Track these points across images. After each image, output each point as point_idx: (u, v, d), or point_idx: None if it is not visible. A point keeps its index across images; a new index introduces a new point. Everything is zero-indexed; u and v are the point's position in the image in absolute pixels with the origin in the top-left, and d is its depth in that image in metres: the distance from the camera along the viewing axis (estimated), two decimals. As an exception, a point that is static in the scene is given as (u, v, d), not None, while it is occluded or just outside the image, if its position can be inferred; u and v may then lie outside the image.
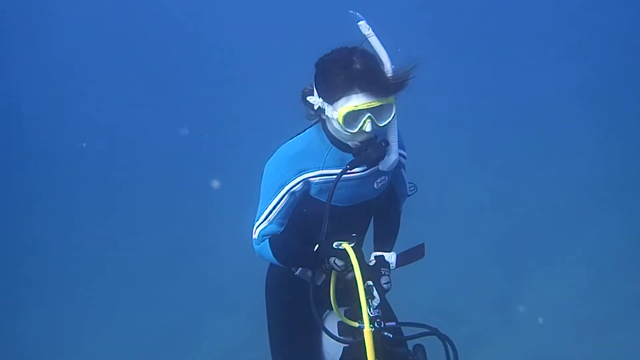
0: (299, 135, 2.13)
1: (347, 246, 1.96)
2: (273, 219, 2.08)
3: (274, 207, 2.06)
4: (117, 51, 8.11)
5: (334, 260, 1.98)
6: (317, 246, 2.02)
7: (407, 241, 2.24)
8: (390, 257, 2.16)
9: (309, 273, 2.22)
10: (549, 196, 6.00)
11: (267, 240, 2.10)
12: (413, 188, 2.37)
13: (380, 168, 2.06)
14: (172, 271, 5.67)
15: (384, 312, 2.07)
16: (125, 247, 6.17)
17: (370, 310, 1.98)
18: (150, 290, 5.48)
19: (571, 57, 7.83)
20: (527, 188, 6.19)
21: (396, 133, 2.04)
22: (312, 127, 2.12)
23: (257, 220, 2.10)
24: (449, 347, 2.07)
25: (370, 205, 2.20)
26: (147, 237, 6.26)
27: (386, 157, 2.02)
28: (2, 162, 7.41)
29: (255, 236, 2.12)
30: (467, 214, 5.89)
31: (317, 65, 1.97)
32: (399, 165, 2.20)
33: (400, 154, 2.16)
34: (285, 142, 2.13)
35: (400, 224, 2.44)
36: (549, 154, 6.67)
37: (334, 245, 1.98)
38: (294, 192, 2.05)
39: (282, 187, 2.04)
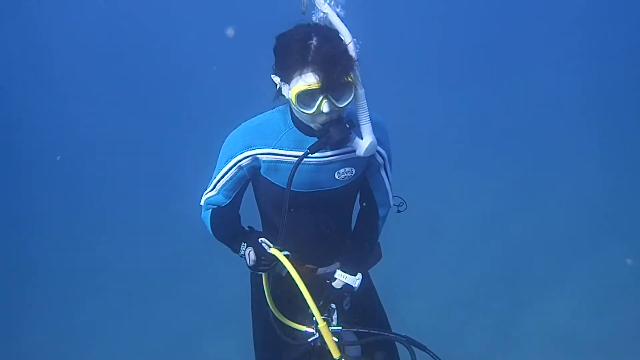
0: (262, 113, 2.07)
1: (277, 252, 1.93)
2: (220, 189, 2.06)
3: (222, 178, 2.04)
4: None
5: (249, 252, 1.97)
6: (246, 229, 2.06)
7: (408, 261, 2.21)
8: (355, 281, 2.10)
9: (279, 267, 2.04)
10: (549, 219, 5.96)
11: (210, 210, 2.10)
12: (402, 204, 2.21)
13: (357, 154, 1.91)
14: (168, 291, 5.62)
15: (347, 319, 2.09)
16: (119, 267, 6.10)
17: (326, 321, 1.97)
18: (147, 310, 5.42)
19: (573, 81, 7.86)
20: (527, 212, 6.16)
21: (367, 116, 1.89)
22: (280, 106, 2.02)
23: (207, 188, 2.10)
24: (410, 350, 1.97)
25: (332, 197, 2.04)
26: (141, 254, 6.20)
27: (357, 139, 1.89)
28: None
29: (201, 203, 2.13)
30: (467, 238, 5.84)
31: (276, 39, 1.85)
32: (376, 166, 2.08)
33: (378, 152, 2.04)
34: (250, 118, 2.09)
35: (380, 248, 2.31)
36: (549, 178, 6.65)
37: (259, 241, 1.98)
38: (241, 167, 2.02)
39: (231, 159, 2.01)
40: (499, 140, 7.45)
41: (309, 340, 2.04)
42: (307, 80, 1.74)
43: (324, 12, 1.86)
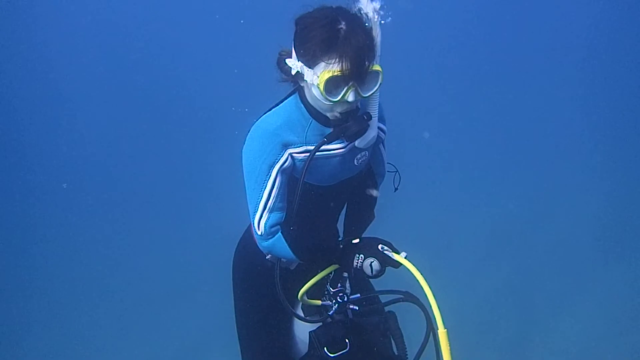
0: (275, 108, 1.87)
1: (402, 259, 1.77)
2: (273, 206, 1.83)
3: (270, 193, 1.82)
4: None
5: (371, 263, 1.78)
6: (357, 241, 1.83)
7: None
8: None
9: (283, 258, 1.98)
10: (564, 237, 5.85)
11: (280, 234, 1.85)
12: (394, 170, 2.14)
13: (356, 145, 1.86)
14: (174, 300, 5.58)
15: (356, 284, 1.98)
16: (125, 274, 6.06)
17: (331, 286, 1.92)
18: (152, 320, 5.38)
19: (584, 97, 7.81)
20: (540, 229, 6.04)
21: (377, 106, 1.84)
22: (290, 99, 1.88)
23: (256, 212, 1.84)
24: (423, 309, 1.94)
25: (350, 184, 2.00)
26: (149, 262, 6.16)
27: (364, 133, 1.82)
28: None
29: (260, 232, 1.85)
30: (478, 255, 5.75)
31: (297, 22, 1.72)
32: (377, 141, 2.01)
33: (379, 128, 1.98)
34: (260, 117, 1.88)
35: (375, 217, 2.22)
36: (563, 195, 6.54)
37: (380, 248, 1.80)
38: (285, 170, 1.82)
39: (272, 166, 1.81)
40: (511, 158, 7.37)
41: (329, 313, 1.96)
42: (338, 66, 1.63)
43: None
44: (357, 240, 1.84)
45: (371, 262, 1.79)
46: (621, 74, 7.96)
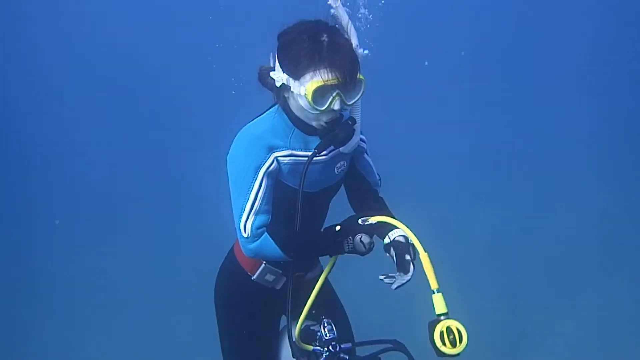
0: (258, 118, 1.97)
1: (378, 218, 1.85)
2: (259, 208, 1.87)
3: (257, 195, 1.86)
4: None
5: (361, 238, 1.81)
6: (338, 227, 1.85)
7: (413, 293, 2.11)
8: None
9: (269, 277, 2.08)
10: (557, 247, 5.79)
11: (266, 235, 1.88)
12: (379, 179, 2.23)
13: (341, 150, 1.96)
14: (168, 304, 5.52)
15: (342, 334, 2.00)
16: (121, 278, 5.98)
17: (325, 333, 1.94)
18: (146, 323, 5.34)
19: (581, 110, 7.74)
20: (533, 240, 5.98)
21: (360, 112, 1.95)
22: (272, 109, 1.97)
23: (242, 215, 1.87)
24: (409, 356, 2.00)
25: (331, 192, 2.09)
26: (145, 266, 6.10)
27: (351, 138, 1.93)
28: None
29: (246, 234, 1.87)
30: (470, 268, 5.60)
31: (280, 37, 1.84)
32: (360, 150, 2.10)
33: (361, 138, 2.07)
34: (243, 127, 1.96)
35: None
36: (556, 204, 6.49)
37: (359, 222, 1.83)
38: (270, 173, 1.88)
39: (258, 169, 1.86)
40: (507, 167, 7.29)
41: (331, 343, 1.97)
42: (324, 76, 1.74)
43: (333, 7, 1.89)
44: (338, 227, 1.87)
45: (360, 238, 1.82)
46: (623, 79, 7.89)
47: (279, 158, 1.89)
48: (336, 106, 1.79)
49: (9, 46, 7.45)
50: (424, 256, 1.81)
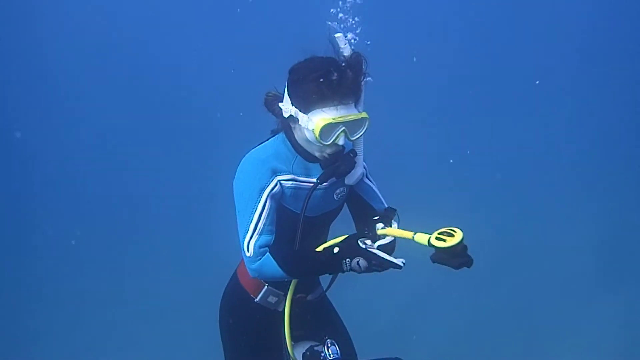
0: (263, 144, 2.08)
1: (386, 230, 1.93)
2: (263, 229, 1.95)
3: (260, 215, 1.94)
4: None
5: (358, 262, 1.85)
6: (336, 249, 1.90)
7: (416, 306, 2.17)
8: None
9: (271, 299, 2.16)
10: (560, 263, 5.79)
11: (268, 254, 1.94)
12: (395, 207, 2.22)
13: (346, 182, 2.08)
14: (176, 315, 5.59)
15: (345, 353, 2.09)
16: (127, 286, 6.12)
17: (329, 354, 2.04)
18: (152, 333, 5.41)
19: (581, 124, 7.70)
20: (537, 255, 5.94)
21: (362, 145, 2.05)
22: (276, 136, 2.08)
23: (246, 235, 1.94)
24: None
25: (331, 216, 2.17)
26: (152, 275, 6.19)
27: (352, 170, 2.03)
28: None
29: (249, 253, 1.94)
30: (475, 282, 5.66)
31: (291, 72, 1.94)
32: (361, 177, 2.15)
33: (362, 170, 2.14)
34: (248, 152, 2.06)
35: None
36: (560, 220, 6.44)
37: (359, 243, 1.88)
38: (274, 195, 1.97)
39: (262, 191, 1.95)
40: (510, 179, 7.15)
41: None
42: (332, 113, 1.86)
43: (341, 48, 1.95)
44: (337, 249, 1.91)
45: (358, 261, 1.87)
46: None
47: (282, 182, 1.98)
48: (341, 142, 1.91)
49: (18, 46, 7.41)
50: (388, 230, 1.93)
